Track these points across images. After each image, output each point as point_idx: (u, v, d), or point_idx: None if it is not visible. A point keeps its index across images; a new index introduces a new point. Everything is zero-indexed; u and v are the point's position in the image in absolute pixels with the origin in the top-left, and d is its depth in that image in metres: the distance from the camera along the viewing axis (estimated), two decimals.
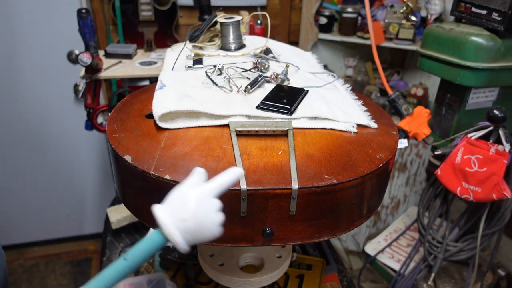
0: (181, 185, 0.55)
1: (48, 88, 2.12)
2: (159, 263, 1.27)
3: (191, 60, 1.06)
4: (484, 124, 1.13)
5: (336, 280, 1.29)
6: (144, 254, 0.53)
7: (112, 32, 2.09)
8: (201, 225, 0.53)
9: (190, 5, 2.00)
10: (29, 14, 1.94)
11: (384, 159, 0.76)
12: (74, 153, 2.33)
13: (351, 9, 2.10)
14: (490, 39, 1.10)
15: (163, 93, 0.86)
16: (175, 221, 0.52)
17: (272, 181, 0.68)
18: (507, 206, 1.25)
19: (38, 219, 2.44)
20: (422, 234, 1.39)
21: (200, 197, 0.53)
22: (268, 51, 1.09)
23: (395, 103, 1.22)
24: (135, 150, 0.74)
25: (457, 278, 1.41)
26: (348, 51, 2.42)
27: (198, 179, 0.56)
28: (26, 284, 2.25)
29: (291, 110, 0.82)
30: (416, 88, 2.14)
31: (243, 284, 0.98)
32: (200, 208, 0.53)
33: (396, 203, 2.23)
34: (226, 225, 0.70)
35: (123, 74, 1.41)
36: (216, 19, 1.11)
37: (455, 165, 1.16)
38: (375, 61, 1.26)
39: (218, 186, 0.55)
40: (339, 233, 0.76)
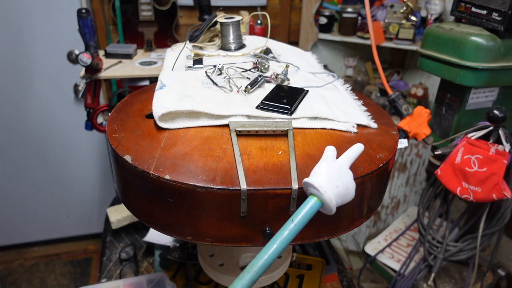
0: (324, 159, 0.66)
1: (48, 88, 2.12)
2: (159, 263, 1.27)
3: (191, 60, 1.06)
4: (484, 124, 1.13)
5: (336, 280, 1.29)
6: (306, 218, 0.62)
7: (112, 32, 2.09)
8: (347, 190, 0.65)
9: (190, 5, 2.01)
10: (29, 14, 1.94)
11: (384, 159, 0.76)
12: (74, 153, 2.33)
13: (351, 9, 2.11)
14: (490, 39, 1.10)
15: (163, 93, 0.86)
16: (331, 187, 0.62)
17: (272, 181, 0.68)
18: (507, 206, 1.25)
19: (38, 219, 2.44)
20: (422, 234, 1.39)
21: (342, 169, 0.65)
22: (268, 51, 1.09)
23: (395, 103, 1.22)
24: (135, 150, 0.74)
25: (457, 278, 1.41)
26: (348, 51, 2.42)
27: (332, 155, 0.67)
28: (26, 284, 2.25)
29: (291, 110, 0.82)
30: (416, 88, 2.15)
31: None
32: (345, 177, 0.65)
33: (396, 203, 2.23)
34: (226, 225, 0.70)
35: (123, 74, 1.41)
36: (216, 19, 1.11)
37: (455, 165, 1.16)
38: (375, 61, 1.26)
39: (350, 159, 0.67)
40: (339, 233, 0.76)
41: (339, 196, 0.63)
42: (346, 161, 0.66)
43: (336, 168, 0.64)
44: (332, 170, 0.64)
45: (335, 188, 0.63)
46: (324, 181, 0.62)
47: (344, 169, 0.65)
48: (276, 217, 0.70)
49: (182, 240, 1.25)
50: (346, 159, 0.67)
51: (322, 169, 0.64)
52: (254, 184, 0.67)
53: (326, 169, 0.64)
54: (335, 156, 0.67)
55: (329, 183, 0.62)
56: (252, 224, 0.70)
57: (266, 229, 0.70)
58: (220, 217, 0.69)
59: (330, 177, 0.63)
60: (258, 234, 0.71)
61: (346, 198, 0.65)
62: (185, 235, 0.73)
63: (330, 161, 0.65)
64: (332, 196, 0.62)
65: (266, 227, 0.71)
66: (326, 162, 0.65)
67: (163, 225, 0.74)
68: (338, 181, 0.63)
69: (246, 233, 0.71)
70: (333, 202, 0.62)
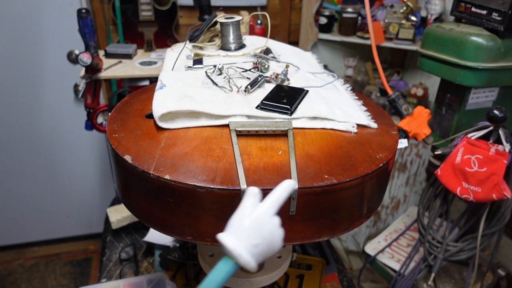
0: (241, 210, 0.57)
1: (48, 88, 2.12)
2: (159, 263, 1.27)
3: (191, 60, 1.06)
4: (484, 124, 1.13)
5: (336, 280, 1.29)
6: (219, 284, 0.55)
7: (112, 32, 2.09)
8: (270, 245, 0.57)
9: (190, 5, 2.00)
10: (29, 14, 1.94)
11: (384, 159, 0.76)
12: (74, 153, 2.33)
13: (351, 9, 2.10)
14: (490, 39, 1.10)
15: (163, 93, 0.86)
16: (249, 249, 0.54)
17: (272, 181, 0.68)
18: (507, 206, 1.25)
19: (38, 219, 2.44)
20: (422, 234, 1.39)
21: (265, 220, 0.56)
22: (268, 51, 1.09)
23: (395, 103, 1.22)
24: (135, 150, 0.74)
25: (457, 278, 1.41)
26: (348, 51, 2.42)
27: (254, 201, 0.58)
28: (26, 284, 2.25)
29: (291, 110, 0.82)
30: (416, 88, 2.15)
31: (243, 284, 0.98)
32: (268, 231, 0.56)
33: (396, 203, 2.23)
34: (226, 225, 0.70)
35: (123, 74, 1.41)
36: (216, 19, 1.11)
37: (455, 165, 1.16)
38: (375, 61, 1.26)
39: (276, 204, 0.58)
40: (339, 233, 0.76)
41: (260, 255, 0.56)
42: (271, 207, 0.57)
43: (257, 221, 0.55)
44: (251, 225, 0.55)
45: (254, 248, 0.55)
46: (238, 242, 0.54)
47: (267, 219, 0.56)
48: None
49: (182, 240, 1.25)
50: (271, 204, 0.57)
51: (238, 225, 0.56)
52: (254, 184, 0.67)
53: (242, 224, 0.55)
54: (258, 200, 0.58)
55: (247, 242, 0.54)
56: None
57: None
58: (220, 217, 0.69)
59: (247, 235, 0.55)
60: None
61: (270, 253, 0.57)
62: (185, 235, 0.73)
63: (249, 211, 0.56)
64: (250, 259, 0.54)
65: None
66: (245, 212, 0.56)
67: (163, 225, 0.74)
68: (259, 238, 0.55)
69: None
70: (252, 264, 0.55)
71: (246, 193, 0.59)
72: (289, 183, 0.59)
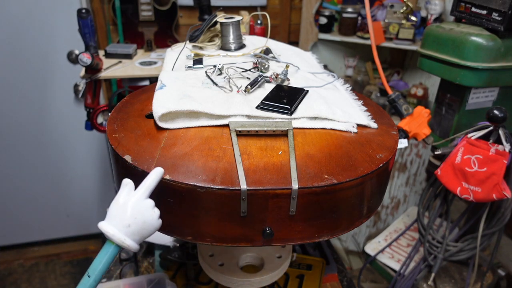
0: (116, 199, 0.64)
1: (48, 88, 2.12)
2: (159, 263, 1.27)
3: (191, 60, 1.06)
4: (484, 124, 1.13)
5: (336, 280, 1.29)
6: (104, 266, 0.63)
7: (112, 32, 2.09)
8: (144, 224, 0.64)
9: (190, 5, 2.00)
10: (29, 14, 1.94)
11: (384, 159, 0.76)
12: (74, 153, 2.33)
13: (351, 9, 2.10)
14: (490, 39, 1.10)
15: (163, 93, 0.86)
16: (121, 229, 0.62)
17: (272, 181, 0.68)
18: (507, 206, 1.25)
19: (38, 219, 2.44)
20: (422, 234, 1.39)
21: (136, 203, 0.64)
22: (268, 51, 1.09)
23: (395, 103, 1.22)
24: (135, 150, 0.74)
25: (457, 278, 1.41)
26: (348, 51, 2.42)
27: (128, 189, 0.65)
28: (26, 284, 2.25)
29: (291, 110, 0.82)
30: (416, 88, 2.14)
31: (243, 284, 0.98)
32: (138, 211, 0.63)
33: (396, 203, 2.23)
34: (226, 225, 0.70)
35: (123, 74, 1.41)
36: (216, 19, 1.11)
37: (455, 165, 1.16)
38: (375, 61, 1.26)
39: (146, 189, 0.65)
40: (339, 233, 0.76)
41: (134, 234, 0.63)
42: (142, 192, 0.64)
43: (127, 205, 0.63)
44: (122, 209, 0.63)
45: (126, 228, 0.62)
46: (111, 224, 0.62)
47: (138, 202, 0.64)
48: (276, 217, 0.70)
49: (182, 240, 1.25)
50: (141, 190, 0.65)
51: (111, 211, 0.64)
52: (254, 184, 0.67)
53: (114, 209, 0.63)
54: (132, 189, 0.65)
55: (118, 224, 0.62)
56: (252, 224, 0.70)
57: (266, 229, 0.70)
58: (220, 217, 0.69)
59: (119, 218, 0.62)
60: (258, 234, 0.71)
61: (146, 232, 0.65)
62: (185, 235, 0.73)
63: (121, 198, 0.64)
64: (123, 237, 0.62)
65: (266, 227, 0.70)
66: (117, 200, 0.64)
67: (163, 225, 0.74)
68: (130, 219, 0.62)
69: (246, 233, 0.71)
70: (128, 242, 0.62)
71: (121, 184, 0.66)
72: (158, 170, 0.66)
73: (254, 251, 1.05)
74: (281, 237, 0.72)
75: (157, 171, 0.66)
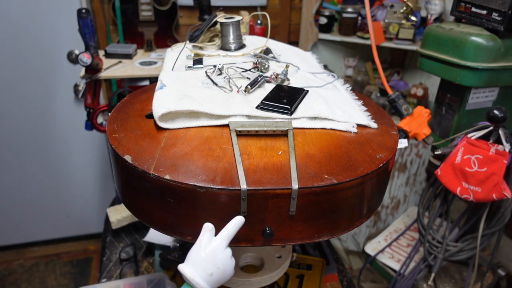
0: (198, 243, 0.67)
1: (48, 88, 2.12)
2: (159, 263, 1.27)
3: (191, 60, 1.06)
4: (484, 124, 1.13)
5: (336, 280, 1.29)
6: None
7: (112, 32, 2.09)
8: (224, 273, 0.66)
9: (190, 5, 2.00)
10: (29, 14, 1.94)
11: (384, 159, 0.76)
12: (74, 153, 2.33)
13: (351, 9, 2.10)
14: (490, 39, 1.10)
15: (163, 93, 0.86)
16: (204, 277, 0.64)
17: (272, 181, 0.68)
18: (507, 206, 1.25)
19: (38, 219, 2.44)
20: (422, 234, 1.39)
21: (219, 252, 0.66)
22: (268, 51, 1.09)
23: (395, 103, 1.22)
24: (135, 150, 0.74)
25: (457, 278, 1.41)
26: (348, 51, 2.42)
27: (210, 235, 0.67)
28: (26, 284, 2.25)
29: (291, 110, 0.82)
30: (416, 88, 2.14)
31: (243, 284, 0.98)
32: (220, 261, 0.66)
33: (396, 203, 2.23)
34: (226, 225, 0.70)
35: (123, 74, 1.41)
36: (216, 19, 1.11)
37: (455, 165, 1.16)
38: (375, 61, 1.26)
39: (227, 238, 0.67)
40: (339, 233, 0.76)
41: (215, 283, 0.66)
42: (224, 241, 0.67)
43: (212, 253, 0.65)
44: (207, 257, 0.65)
45: (209, 277, 0.64)
46: (196, 272, 0.64)
47: (220, 251, 0.66)
48: (276, 217, 0.70)
49: (182, 240, 1.25)
50: (224, 238, 0.67)
51: (195, 257, 0.65)
52: (254, 184, 0.67)
53: (199, 256, 0.65)
54: (213, 235, 0.67)
55: (203, 272, 0.64)
56: (252, 224, 0.70)
57: (266, 229, 0.70)
58: (220, 217, 0.69)
59: (203, 266, 0.64)
60: (258, 234, 0.71)
61: (223, 281, 0.67)
62: (185, 235, 0.73)
63: (205, 245, 0.66)
64: (206, 286, 0.64)
65: (266, 227, 0.71)
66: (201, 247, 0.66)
67: (163, 225, 0.74)
68: (213, 268, 0.65)
69: (246, 233, 0.71)
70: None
71: (202, 228, 0.67)
72: (239, 219, 0.67)
73: (254, 251, 1.05)
74: (281, 237, 0.72)
75: (237, 220, 0.67)
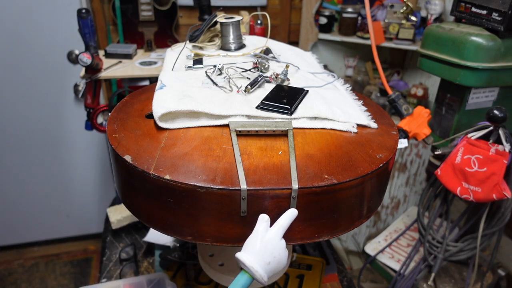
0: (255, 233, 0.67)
1: (48, 88, 2.12)
2: (159, 263, 1.27)
3: (191, 60, 1.06)
4: (484, 124, 1.13)
5: (336, 280, 1.29)
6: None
7: (112, 32, 2.09)
8: (279, 263, 0.68)
9: (190, 5, 2.00)
10: (29, 14, 1.94)
11: (384, 159, 0.76)
12: (74, 153, 2.33)
13: (351, 9, 2.10)
14: (490, 39, 1.10)
15: (163, 93, 0.86)
16: (263, 266, 0.65)
17: (272, 181, 0.68)
18: (507, 206, 1.25)
19: (38, 219, 2.44)
20: (422, 234, 1.39)
21: (275, 242, 0.67)
22: (268, 51, 1.09)
23: (395, 103, 1.22)
24: (135, 150, 0.74)
25: (457, 278, 1.41)
26: (348, 51, 2.42)
27: (266, 226, 0.68)
28: (26, 284, 2.25)
29: (291, 110, 0.82)
30: (416, 88, 2.14)
31: None
32: (277, 250, 0.67)
33: (396, 203, 2.23)
34: (226, 225, 0.70)
35: (123, 74, 1.41)
36: (216, 19, 1.11)
37: (455, 165, 1.16)
38: (375, 61, 1.26)
39: (282, 228, 0.68)
40: (339, 233, 0.76)
41: (271, 271, 0.66)
42: (279, 231, 0.67)
43: (269, 243, 0.66)
44: (264, 246, 0.66)
45: (267, 265, 0.65)
46: (255, 260, 0.65)
47: (277, 241, 0.67)
48: (276, 217, 0.70)
49: (182, 240, 1.25)
50: (279, 229, 0.67)
51: (254, 246, 0.66)
52: (254, 184, 0.67)
53: (258, 245, 0.66)
54: (268, 225, 0.68)
55: (261, 260, 0.65)
56: (252, 224, 0.70)
57: None
58: (220, 217, 0.69)
59: (261, 255, 0.65)
60: None
61: (278, 270, 0.68)
62: (185, 235, 0.73)
63: (262, 235, 0.66)
64: (264, 274, 0.65)
65: None
66: (258, 236, 0.66)
67: (163, 225, 0.74)
68: (270, 257, 0.66)
69: (246, 233, 0.71)
70: (265, 279, 0.66)
71: (259, 219, 0.68)
72: (292, 211, 0.68)
73: None
74: None
75: (291, 211, 0.68)
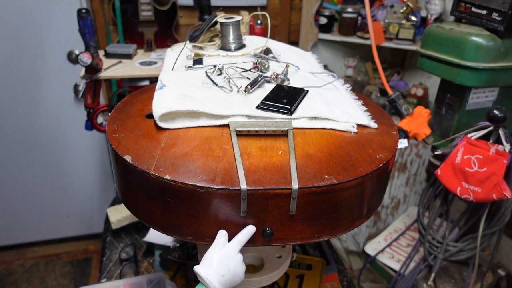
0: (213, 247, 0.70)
1: (48, 88, 2.12)
2: (159, 263, 1.27)
3: (191, 60, 1.06)
4: (484, 124, 1.13)
5: (336, 280, 1.29)
6: None
7: (112, 32, 2.09)
8: (234, 276, 0.70)
9: (190, 5, 2.00)
10: (29, 14, 1.94)
11: (384, 159, 0.76)
12: (74, 153, 2.33)
13: (351, 9, 2.10)
14: (490, 39, 1.10)
15: (163, 93, 0.86)
16: (217, 278, 0.68)
17: (272, 181, 0.68)
18: (507, 206, 1.25)
19: (38, 219, 2.44)
20: (422, 234, 1.39)
21: (230, 255, 0.70)
22: (268, 51, 1.09)
23: (395, 103, 1.22)
24: (135, 150, 0.74)
25: (457, 278, 1.41)
26: (348, 51, 2.42)
27: (224, 240, 0.70)
28: (26, 284, 2.25)
29: (291, 110, 0.82)
30: (416, 88, 2.14)
31: (243, 284, 0.97)
32: (232, 264, 0.70)
33: (396, 203, 2.23)
34: (226, 225, 0.70)
35: (123, 74, 1.41)
36: (216, 19, 1.11)
37: (455, 165, 1.16)
38: (375, 61, 1.26)
39: (240, 243, 0.70)
40: (339, 233, 0.76)
41: (227, 283, 0.69)
42: (236, 246, 0.70)
43: (225, 256, 0.69)
44: (220, 258, 0.69)
45: (221, 277, 0.68)
46: (210, 272, 0.68)
47: (233, 255, 0.70)
48: (276, 217, 0.70)
49: (182, 240, 1.25)
50: (237, 244, 0.70)
51: (210, 259, 0.69)
52: (254, 184, 0.67)
53: (214, 258, 0.69)
54: (226, 240, 0.71)
55: (216, 273, 0.68)
56: (252, 224, 0.70)
57: (266, 229, 0.70)
58: (220, 217, 0.69)
59: (216, 267, 0.68)
60: (258, 234, 0.71)
61: (234, 283, 0.71)
62: (185, 235, 0.73)
63: (219, 248, 0.69)
64: (218, 286, 0.68)
65: (266, 227, 0.71)
66: (215, 249, 0.69)
67: (163, 225, 0.74)
68: (225, 269, 0.69)
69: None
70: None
71: (217, 234, 0.71)
72: (251, 228, 0.70)
73: (254, 251, 1.05)
74: (281, 237, 0.72)
75: (249, 228, 0.70)
